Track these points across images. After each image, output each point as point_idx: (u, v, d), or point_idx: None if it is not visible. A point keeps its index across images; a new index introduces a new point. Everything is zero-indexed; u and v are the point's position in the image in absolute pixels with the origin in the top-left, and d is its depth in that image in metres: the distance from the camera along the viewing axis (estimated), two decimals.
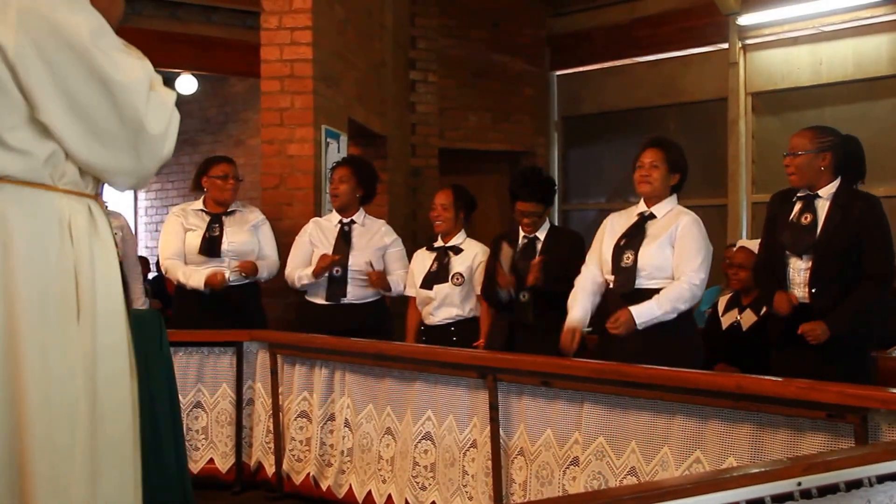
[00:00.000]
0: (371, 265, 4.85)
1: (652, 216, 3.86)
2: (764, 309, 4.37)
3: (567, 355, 3.79)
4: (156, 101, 2.15)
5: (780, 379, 2.93)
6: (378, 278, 4.84)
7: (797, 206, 3.71)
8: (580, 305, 3.93)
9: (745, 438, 2.93)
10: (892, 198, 6.64)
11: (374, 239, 4.95)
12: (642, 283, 3.78)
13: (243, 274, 4.88)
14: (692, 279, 3.68)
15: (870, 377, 3.60)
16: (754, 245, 4.48)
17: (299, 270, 4.89)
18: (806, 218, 3.64)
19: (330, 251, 4.86)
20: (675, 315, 3.68)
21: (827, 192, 3.65)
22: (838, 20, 6.90)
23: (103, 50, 2.08)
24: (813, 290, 3.56)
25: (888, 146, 6.77)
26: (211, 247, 4.88)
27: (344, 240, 4.89)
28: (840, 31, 6.95)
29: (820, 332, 3.50)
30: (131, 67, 2.12)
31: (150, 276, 8.09)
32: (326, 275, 4.85)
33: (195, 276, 4.83)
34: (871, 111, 6.95)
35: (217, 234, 4.91)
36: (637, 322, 3.65)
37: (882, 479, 1.80)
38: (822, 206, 3.65)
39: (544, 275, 4.23)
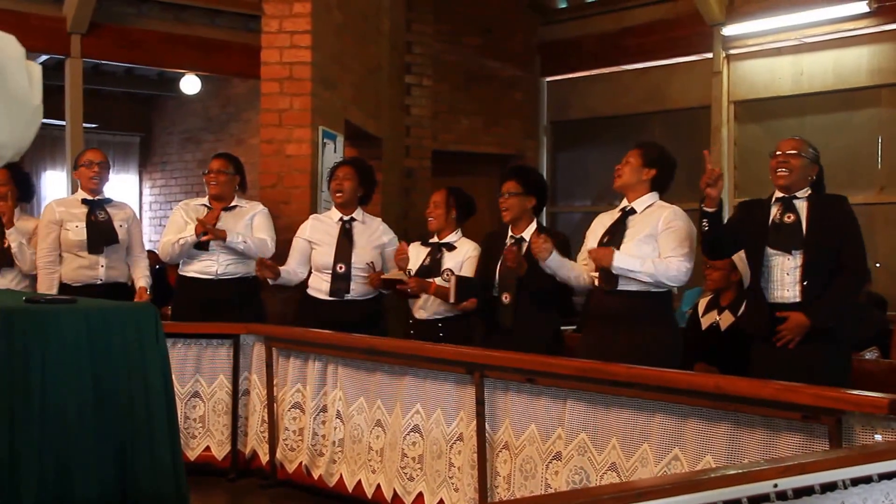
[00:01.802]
0: (372, 266, 4.93)
1: (633, 211, 4.00)
2: (742, 309, 4.52)
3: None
4: (32, 74, 2.10)
5: (757, 380, 2.99)
6: (378, 280, 4.89)
7: (776, 208, 3.78)
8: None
9: (722, 437, 2.99)
10: (870, 205, 6.81)
11: (374, 236, 5.06)
12: (623, 282, 3.91)
13: (208, 229, 4.92)
14: (681, 262, 3.86)
15: (848, 376, 3.69)
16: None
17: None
18: (789, 217, 3.72)
19: (332, 248, 4.95)
20: (651, 281, 3.84)
21: (803, 194, 3.76)
22: (820, 32, 7.01)
23: None
24: (805, 284, 3.63)
25: (866, 155, 6.93)
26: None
27: (346, 237, 4.99)
28: (821, 42, 7.07)
29: (795, 332, 3.60)
30: (12, 43, 2.05)
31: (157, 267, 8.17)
32: (330, 271, 4.95)
33: (186, 231, 4.96)
34: (850, 121, 7.09)
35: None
36: (614, 263, 3.82)
37: (856, 481, 1.84)
38: (802, 207, 3.74)
39: (528, 264, 4.31)
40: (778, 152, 3.80)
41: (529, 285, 4.31)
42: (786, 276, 3.70)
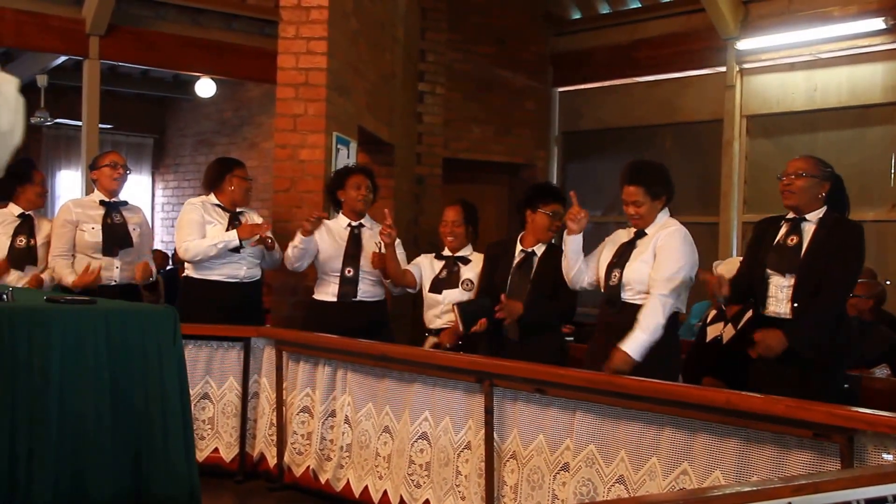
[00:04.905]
0: (379, 247, 4.97)
1: (643, 234, 4.02)
2: (742, 321, 4.54)
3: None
4: (3, 98, 2.04)
5: (768, 396, 2.98)
6: (381, 260, 4.96)
7: (783, 229, 3.83)
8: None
9: (732, 453, 3.00)
10: (882, 222, 6.80)
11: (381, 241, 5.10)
12: (627, 297, 3.94)
13: (262, 238, 4.96)
14: (660, 291, 3.82)
15: (844, 396, 3.68)
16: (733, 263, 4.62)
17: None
18: (792, 240, 3.76)
19: (341, 252, 5.00)
20: (663, 330, 3.81)
21: (814, 216, 3.78)
22: (834, 48, 7.00)
23: None
24: (795, 305, 3.67)
25: (878, 172, 6.91)
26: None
27: (354, 242, 5.05)
28: (836, 58, 7.05)
29: (774, 343, 3.60)
30: None
31: (168, 268, 8.22)
32: (338, 275, 4.99)
33: (222, 235, 4.92)
34: (864, 138, 7.06)
35: None
36: (634, 357, 3.77)
37: (870, 502, 1.83)
38: (808, 230, 3.76)
39: (526, 300, 4.36)
40: (783, 174, 3.84)
41: (538, 300, 4.35)
42: (779, 293, 3.76)
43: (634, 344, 3.78)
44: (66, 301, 3.04)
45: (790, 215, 3.84)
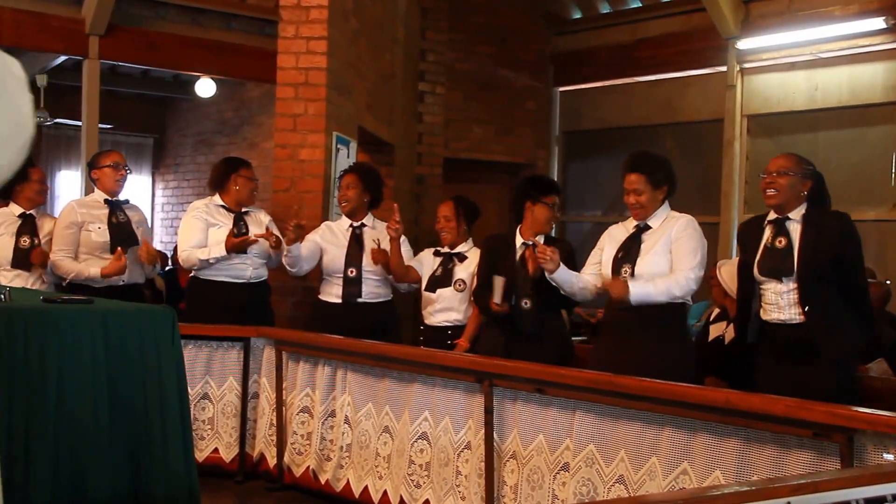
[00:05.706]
0: (377, 243, 4.96)
1: (647, 227, 4.01)
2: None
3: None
4: (31, 99, 1.96)
5: (768, 396, 2.98)
6: (381, 255, 4.92)
7: (768, 231, 3.78)
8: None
9: (732, 453, 3.00)
10: (883, 221, 6.79)
11: (384, 240, 5.06)
12: None
13: (272, 245, 4.96)
14: (688, 273, 3.86)
15: (856, 394, 3.69)
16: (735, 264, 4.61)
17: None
18: (780, 241, 3.71)
19: (343, 253, 4.99)
20: (666, 299, 3.84)
21: (797, 214, 3.74)
22: (835, 47, 6.99)
23: None
24: (806, 309, 3.62)
25: (879, 172, 6.90)
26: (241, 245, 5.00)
27: (356, 243, 5.04)
28: (836, 58, 7.04)
29: None
30: (16, 64, 1.89)
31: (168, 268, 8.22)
32: (341, 276, 4.98)
33: (215, 248, 4.93)
34: (864, 137, 7.05)
35: (245, 232, 5.04)
36: (632, 298, 3.81)
37: (869, 502, 1.82)
38: (795, 229, 3.71)
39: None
40: (765, 173, 3.82)
41: (544, 289, 4.32)
42: (780, 300, 3.71)
43: (641, 291, 3.83)
44: (63, 301, 3.04)
45: (772, 216, 3.81)
